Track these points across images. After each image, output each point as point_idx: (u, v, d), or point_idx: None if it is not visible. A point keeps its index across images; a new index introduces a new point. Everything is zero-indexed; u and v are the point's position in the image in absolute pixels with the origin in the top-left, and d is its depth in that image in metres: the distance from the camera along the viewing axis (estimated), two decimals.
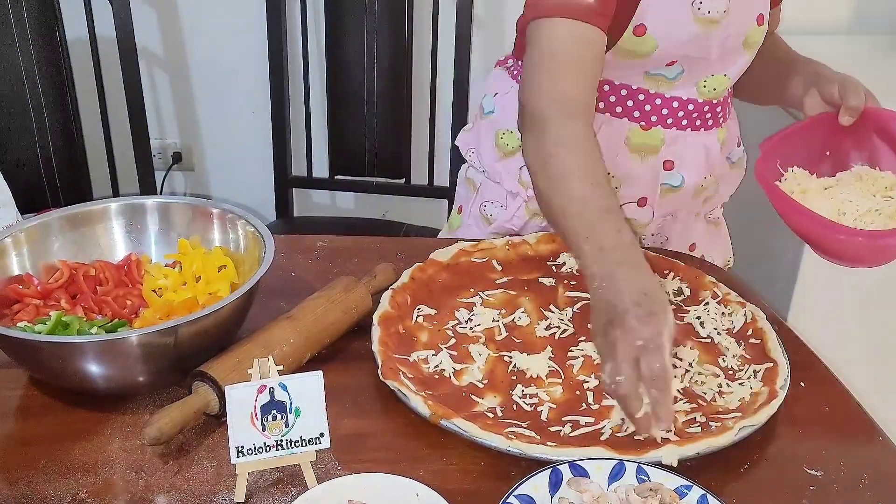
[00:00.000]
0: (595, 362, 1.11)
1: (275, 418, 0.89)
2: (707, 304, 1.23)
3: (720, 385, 1.08)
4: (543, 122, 1.11)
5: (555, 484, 0.89)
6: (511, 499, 0.86)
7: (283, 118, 2.22)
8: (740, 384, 1.08)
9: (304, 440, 0.90)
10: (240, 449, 0.88)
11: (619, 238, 1.02)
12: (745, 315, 1.20)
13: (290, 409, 0.89)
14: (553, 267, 1.30)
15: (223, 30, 2.37)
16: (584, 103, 1.14)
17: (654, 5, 1.23)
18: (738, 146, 1.49)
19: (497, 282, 1.26)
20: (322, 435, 0.90)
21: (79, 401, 1.03)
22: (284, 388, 0.89)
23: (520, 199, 1.45)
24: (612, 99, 1.34)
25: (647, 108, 1.34)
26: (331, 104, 2.20)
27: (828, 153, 1.29)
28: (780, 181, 1.25)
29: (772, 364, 1.11)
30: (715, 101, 1.36)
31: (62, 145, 1.94)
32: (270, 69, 2.18)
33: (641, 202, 1.39)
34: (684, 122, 1.36)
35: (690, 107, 1.35)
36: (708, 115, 1.37)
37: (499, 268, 1.28)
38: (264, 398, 0.89)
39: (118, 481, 0.93)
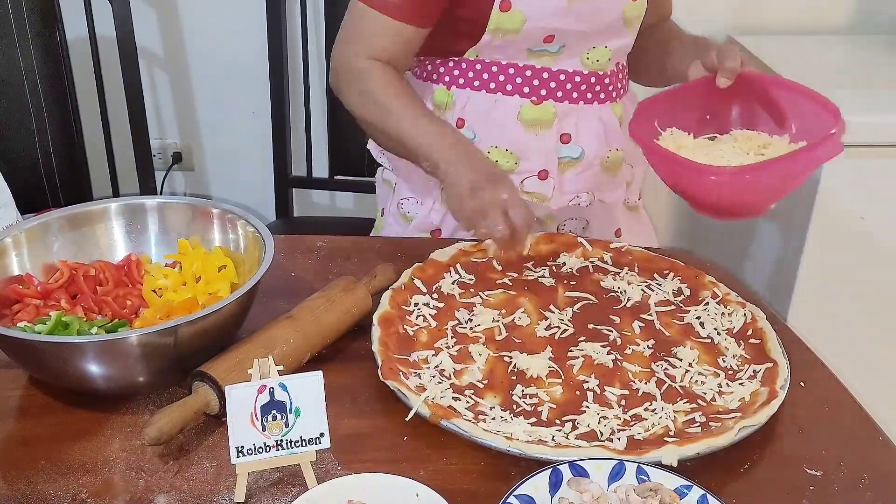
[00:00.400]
0: (595, 362, 1.11)
1: (275, 418, 0.89)
2: (707, 304, 1.23)
3: (720, 385, 1.08)
4: (366, 72, 1.34)
5: (555, 484, 0.89)
6: (511, 499, 0.86)
7: (283, 118, 2.22)
8: (740, 384, 1.08)
9: (304, 440, 0.90)
10: (240, 449, 0.88)
11: (461, 142, 1.29)
12: (745, 315, 1.20)
13: (290, 409, 0.89)
14: (553, 267, 1.30)
15: (223, 30, 2.37)
16: (395, 60, 1.36)
17: None
18: None
19: (497, 282, 1.26)
20: (322, 435, 0.90)
21: (79, 401, 1.03)
22: (284, 388, 0.89)
23: (434, 193, 1.48)
24: (502, 78, 1.39)
25: (536, 82, 1.40)
26: (331, 104, 2.20)
27: (709, 117, 1.30)
28: (656, 139, 1.24)
29: (772, 364, 1.11)
30: (601, 73, 1.42)
31: (62, 145, 1.94)
32: (270, 69, 2.18)
33: (542, 175, 1.44)
34: (574, 95, 1.41)
35: (577, 79, 1.40)
36: (597, 87, 1.43)
37: (499, 268, 1.28)
38: (264, 398, 0.89)
39: (118, 481, 0.93)
